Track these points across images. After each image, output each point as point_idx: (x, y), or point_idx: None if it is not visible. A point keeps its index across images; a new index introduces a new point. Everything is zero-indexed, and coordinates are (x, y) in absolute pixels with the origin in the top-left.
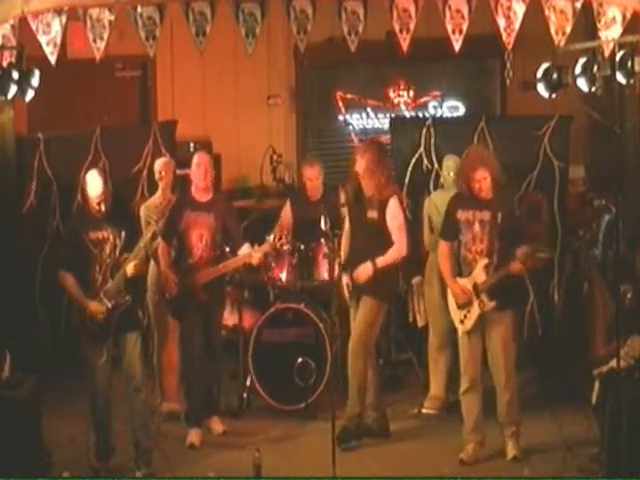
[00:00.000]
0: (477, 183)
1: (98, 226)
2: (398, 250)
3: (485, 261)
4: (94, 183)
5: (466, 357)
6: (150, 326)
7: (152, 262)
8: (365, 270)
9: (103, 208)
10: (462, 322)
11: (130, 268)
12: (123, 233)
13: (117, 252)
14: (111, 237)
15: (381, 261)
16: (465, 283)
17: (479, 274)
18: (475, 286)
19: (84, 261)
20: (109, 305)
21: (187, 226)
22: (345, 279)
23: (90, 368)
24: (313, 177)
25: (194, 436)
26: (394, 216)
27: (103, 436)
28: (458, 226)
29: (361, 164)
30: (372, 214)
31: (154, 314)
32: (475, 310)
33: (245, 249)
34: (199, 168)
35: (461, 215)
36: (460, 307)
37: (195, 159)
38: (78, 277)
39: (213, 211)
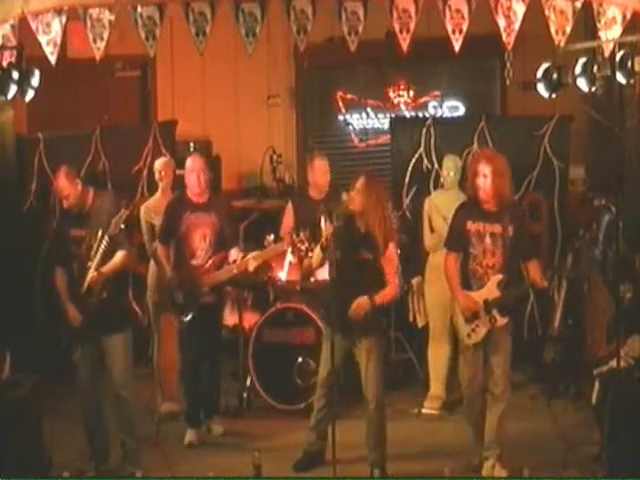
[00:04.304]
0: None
1: (79, 223)
2: (393, 293)
3: (499, 277)
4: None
5: (472, 372)
6: (150, 326)
7: (152, 263)
8: (364, 304)
9: (66, 204)
10: (469, 336)
11: (89, 279)
12: (99, 233)
13: (92, 252)
14: (87, 235)
15: (379, 299)
16: (475, 297)
17: (491, 290)
18: (486, 302)
19: (67, 258)
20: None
21: (188, 228)
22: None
23: (75, 366)
24: (325, 170)
25: (193, 435)
26: (390, 260)
27: (94, 436)
28: (467, 238)
29: (362, 199)
30: (366, 255)
31: (154, 314)
32: (485, 325)
33: (233, 253)
34: (192, 174)
35: (471, 226)
36: (467, 321)
37: (188, 164)
38: (66, 274)
39: (214, 211)
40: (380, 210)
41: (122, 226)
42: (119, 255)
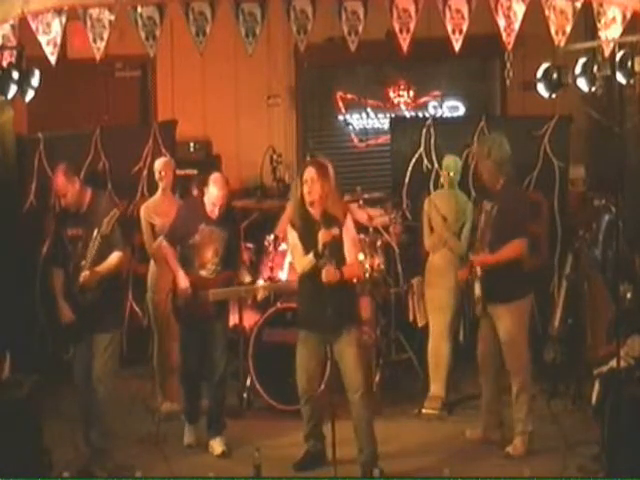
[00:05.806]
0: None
1: (76, 223)
2: (355, 267)
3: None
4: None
5: (478, 345)
6: (150, 326)
7: (152, 263)
8: (332, 271)
9: (63, 202)
10: (475, 308)
11: (82, 277)
12: (95, 231)
13: (89, 250)
14: (84, 235)
15: (345, 270)
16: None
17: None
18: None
19: (65, 257)
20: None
21: (202, 240)
22: None
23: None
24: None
25: (192, 436)
26: (348, 230)
27: (92, 436)
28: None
29: (320, 187)
30: (335, 231)
31: (154, 314)
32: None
33: (245, 277)
34: (216, 190)
35: (482, 206)
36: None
37: (212, 183)
38: (64, 273)
39: (228, 227)
40: (334, 190)
41: (114, 225)
42: (114, 256)
